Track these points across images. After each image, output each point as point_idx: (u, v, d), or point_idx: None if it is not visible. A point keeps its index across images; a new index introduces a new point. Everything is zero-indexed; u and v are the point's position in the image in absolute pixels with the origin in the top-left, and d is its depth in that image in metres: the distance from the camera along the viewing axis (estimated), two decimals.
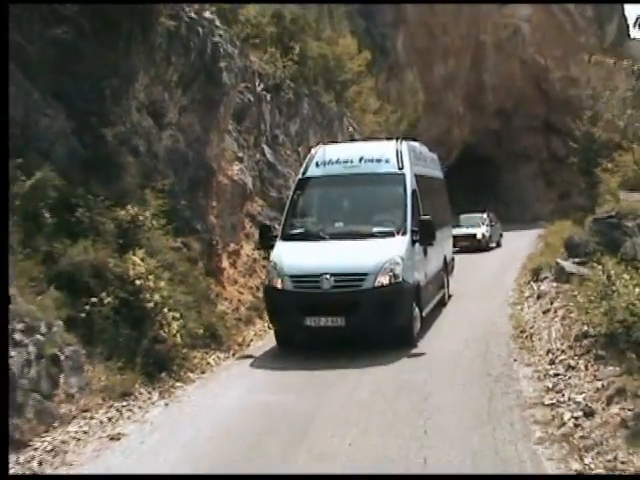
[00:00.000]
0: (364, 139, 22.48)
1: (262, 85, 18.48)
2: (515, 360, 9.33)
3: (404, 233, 11.51)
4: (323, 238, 11.80)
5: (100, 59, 11.64)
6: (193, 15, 13.73)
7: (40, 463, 6.48)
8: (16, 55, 10.70)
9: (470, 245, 28.80)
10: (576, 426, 6.48)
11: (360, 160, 12.71)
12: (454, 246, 28.46)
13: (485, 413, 7.30)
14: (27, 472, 6.31)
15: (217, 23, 14.52)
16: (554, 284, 13.41)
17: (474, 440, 6.54)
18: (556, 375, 8.14)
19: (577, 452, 5.89)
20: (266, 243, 12.44)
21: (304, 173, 13.08)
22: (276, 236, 12.26)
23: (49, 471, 6.37)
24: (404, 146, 12.85)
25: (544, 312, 11.67)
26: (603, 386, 7.08)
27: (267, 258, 12.90)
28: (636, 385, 6.56)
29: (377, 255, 11.05)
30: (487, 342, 10.64)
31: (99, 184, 10.92)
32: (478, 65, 51.78)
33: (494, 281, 17.42)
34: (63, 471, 6.39)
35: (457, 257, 24.26)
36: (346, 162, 12.78)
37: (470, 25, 49.80)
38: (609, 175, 20.36)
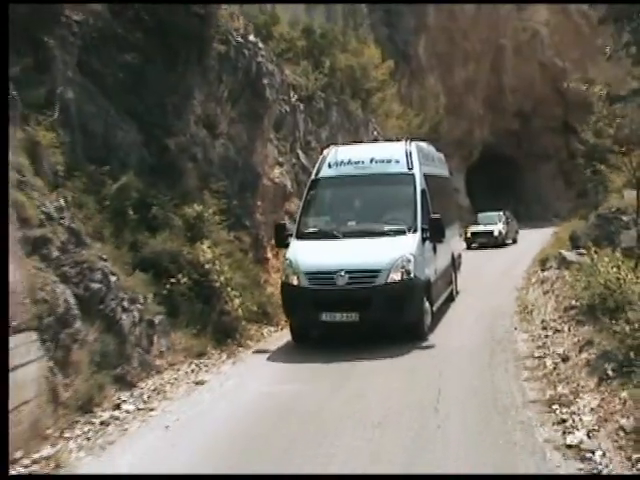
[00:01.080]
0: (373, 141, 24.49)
1: (296, 96, 20.53)
2: (516, 329, 11.36)
3: (415, 231, 11.83)
4: (336, 236, 12.04)
5: (163, 80, 13.79)
6: (240, 39, 15.88)
7: (148, 397, 8.60)
8: (95, 79, 12.92)
9: (487, 241, 30.71)
10: (554, 368, 8.51)
11: (371, 161, 13.03)
12: (473, 242, 30.82)
13: (486, 365, 9.32)
14: (117, 416, 8.10)
15: (260, 45, 16.64)
16: (556, 271, 15.35)
17: (477, 381, 8.56)
18: (546, 337, 10.19)
19: (552, 384, 7.91)
20: (281, 242, 12.75)
21: (317, 174, 13.44)
22: (291, 235, 12.54)
23: (155, 403, 8.47)
24: (413, 147, 13.13)
25: (544, 293, 13.62)
26: (579, 341, 9.07)
27: None
28: (602, 338, 8.50)
29: (389, 252, 11.36)
30: (495, 317, 12.62)
31: (166, 186, 13.03)
32: (498, 68, 53.19)
33: (506, 271, 19.26)
34: (165, 404, 8.47)
35: (475, 252, 26.29)
36: (357, 163, 13.09)
37: (490, 30, 51.14)
38: (615, 175, 22.01)
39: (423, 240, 11.91)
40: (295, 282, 11.53)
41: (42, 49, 11.86)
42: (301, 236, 12.35)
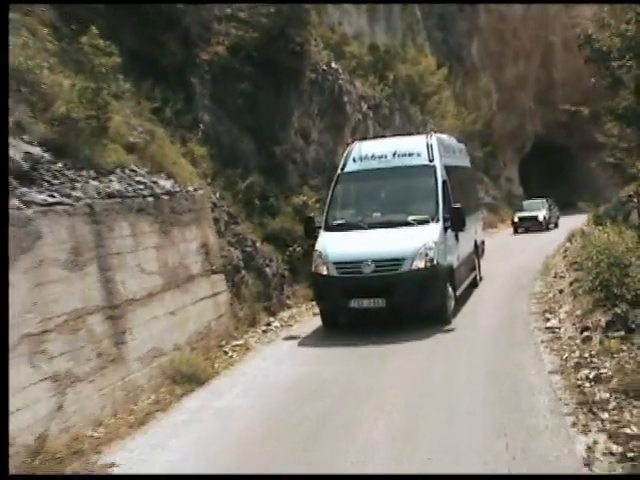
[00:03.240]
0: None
1: (366, 105, 24.97)
2: (536, 279, 15.67)
3: (437, 220, 12.38)
4: (362, 227, 12.62)
5: (270, 103, 18.38)
6: (325, 67, 20.41)
7: (287, 320, 13.24)
8: (222, 104, 17.57)
9: (532, 226, 33.93)
10: (553, 297, 12.85)
11: (394, 155, 13.53)
12: (519, 227, 34.59)
13: (510, 298, 13.75)
14: (271, 329, 12.70)
15: (340, 70, 21.16)
16: (577, 242, 19.45)
17: (502, 304, 13.01)
18: (553, 281, 14.49)
19: (548, 304, 12.27)
20: (311, 234, 13.34)
21: (342, 168, 14.07)
22: (319, 227, 13.18)
23: (292, 323, 13.06)
24: (434, 140, 13.64)
25: (564, 257, 17.77)
26: (571, 281, 13.29)
27: None
28: (583, 276, 12.55)
29: (413, 241, 11.87)
30: (525, 273, 16.88)
31: (275, 183, 17.63)
32: (547, 64, 56.25)
33: (543, 246, 23.21)
34: (298, 325, 13.03)
35: (522, 235, 30.21)
36: (381, 157, 13.60)
37: (539, 28, 54.32)
38: None
39: (445, 229, 12.50)
40: (324, 272, 12.22)
41: (189, 86, 16.58)
42: (329, 228, 13.03)
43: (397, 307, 11.67)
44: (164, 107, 14.31)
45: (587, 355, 8.44)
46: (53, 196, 8.31)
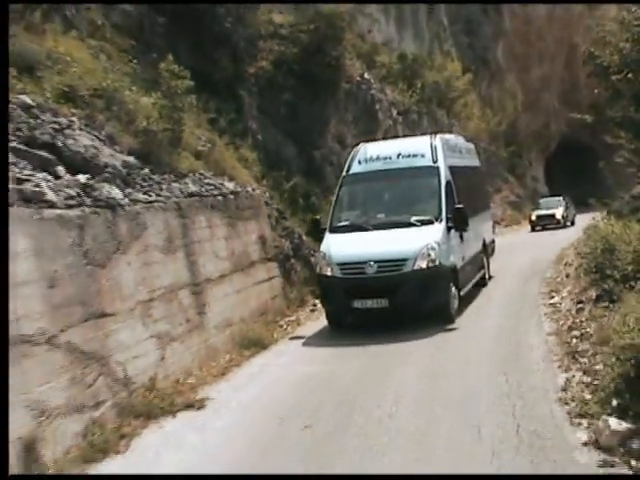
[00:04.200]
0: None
1: (396, 111, 27.03)
2: (549, 267, 17.60)
3: (440, 221, 12.46)
4: (366, 229, 12.70)
5: (310, 111, 20.49)
6: (359, 78, 22.50)
7: None
8: (267, 114, 19.72)
9: (550, 223, 34.29)
10: (560, 280, 14.81)
11: (398, 156, 13.58)
12: (537, 225, 34.94)
13: (524, 281, 15.74)
14: (317, 308, 14.86)
15: (372, 81, 23.25)
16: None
17: (516, 288, 14.97)
18: (563, 268, 16.43)
19: (554, 286, 14.25)
20: (316, 235, 13.75)
21: (347, 170, 14.17)
22: (325, 229, 13.31)
23: None
24: (438, 141, 13.73)
25: (575, 248, 19.66)
26: (576, 266, 15.22)
27: None
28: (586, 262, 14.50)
29: (415, 242, 11.97)
30: (539, 263, 18.74)
31: (315, 183, 19.76)
32: (571, 65, 57.59)
33: (559, 241, 24.98)
34: None
35: (540, 233, 31.86)
36: (385, 159, 13.65)
37: (563, 30, 55.58)
38: None
39: (448, 229, 12.62)
40: (329, 273, 12.38)
41: (239, 98, 18.75)
42: (334, 229, 13.15)
43: (400, 307, 11.80)
44: (219, 118, 16.47)
45: (578, 321, 10.45)
46: (150, 195, 10.50)
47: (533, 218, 35.27)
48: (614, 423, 6.05)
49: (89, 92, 11.68)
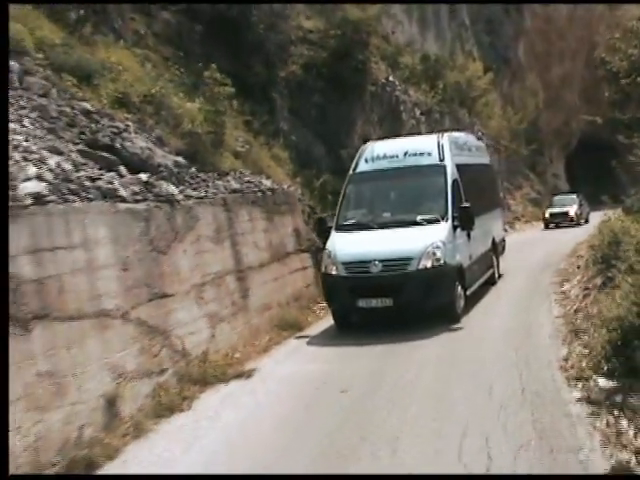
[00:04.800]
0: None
1: (419, 111, 28.19)
2: (562, 260, 18.70)
3: (446, 220, 12.44)
4: (372, 227, 12.73)
5: (337, 113, 21.70)
6: (384, 81, 23.69)
7: None
8: (298, 115, 20.96)
9: (563, 221, 33.96)
10: (572, 271, 15.93)
11: (405, 154, 13.58)
12: (550, 222, 34.63)
13: (538, 272, 16.87)
14: None
15: (397, 83, 24.44)
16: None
17: (531, 277, 16.10)
18: (576, 260, 17.53)
19: (567, 276, 15.37)
20: (322, 234, 13.84)
21: (354, 169, 14.26)
22: (331, 227, 13.37)
23: None
24: (445, 139, 13.75)
25: (588, 243, 20.78)
26: (587, 258, 16.33)
27: None
28: (592, 252, 15.54)
29: (420, 241, 11.95)
30: (554, 256, 19.86)
31: (342, 181, 20.89)
32: (592, 63, 58.40)
33: (575, 237, 26.06)
34: None
35: (554, 230, 32.55)
36: (392, 157, 13.66)
37: (584, 29, 56.14)
38: None
39: (454, 228, 12.60)
40: (334, 272, 12.42)
41: (271, 100, 20.01)
42: (339, 228, 13.19)
43: (404, 306, 11.80)
44: (253, 119, 17.73)
45: (583, 305, 11.61)
46: (199, 191, 11.79)
47: (546, 216, 35.01)
48: (602, 382, 7.27)
49: (139, 98, 12.99)
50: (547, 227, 34.43)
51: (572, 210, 34.62)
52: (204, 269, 10.96)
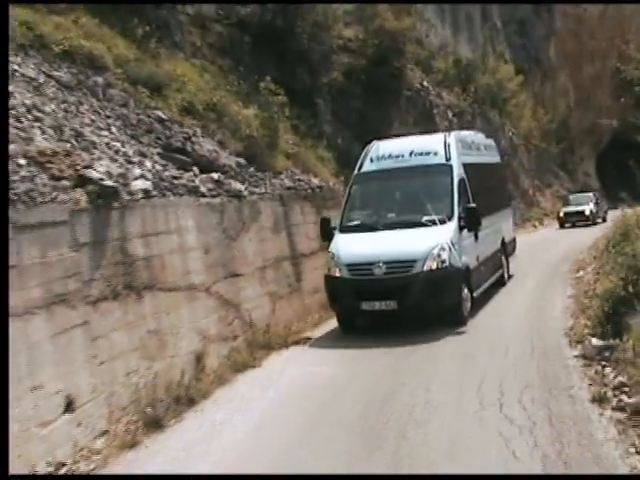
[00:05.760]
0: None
1: (451, 113, 29.92)
2: (581, 252, 20.36)
3: (452, 220, 12.24)
4: (377, 228, 12.52)
5: (375, 116, 23.53)
6: (418, 86, 25.51)
7: None
8: (339, 118, 22.84)
9: (579, 220, 33.00)
10: (589, 261, 17.61)
11: (410, 154, 13.35)
12: (565, 222, 33.67)
13: (559, 262, 18.57)
14: None
15: (430, 87, 26.24)
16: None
17: (550, 266, 17.80)
18: (594, 251, 19.19)
19: (583, 265, 17.08)
20: (326, 235, 13.33)
21: (359, 169, 14.08)
22: (335, 228, 13.15)
23: None
24: (452, 138, 13.57)
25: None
26: (602, 247, 17.98)
27: None
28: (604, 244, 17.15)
29: (425, 242, 11.73)
30: (574, 250, 21.44)
31: None
32: (623, 63, 59.51)
33: (595, 234, 27.59)
34: None
35: (572, 229, 32.44)
36: (397, 157, 13.46)
37: (615, 29, 57.33)
38: None
39: (460, 229, 12.40)
40: (337, 274, 12.24)
41: (315, 105, 21.90)
42: (343, 229, 13.03)
43: (409, 309, 11.66)
44: (299, 123, 19.62)
45: (593, 287, 13.34)
46: (259, 188, 13.73)
47: (561, 215, 34.24)
48: (595, 342, 9.08)
49: (202, 106, 14.93)
50: (562, 226, 33.67)
51: (588, 209, 33.67)
52: (265, 254, 12.90)
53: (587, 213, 33.35)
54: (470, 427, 7.12)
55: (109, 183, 8.55)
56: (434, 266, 11.59)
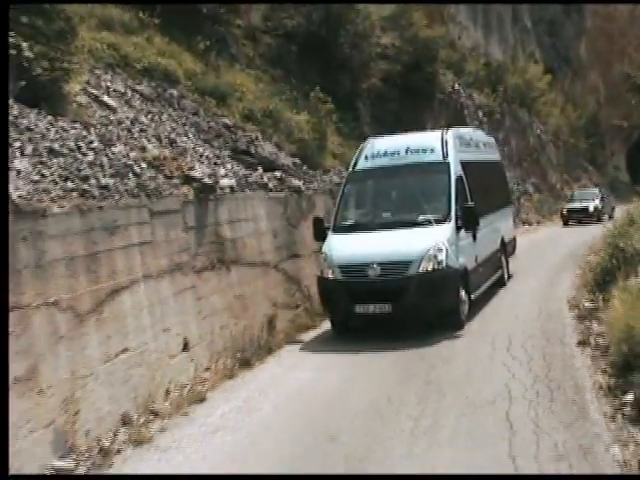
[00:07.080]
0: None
1: (481, 113, 32.17)
2: (595, 240, 22.51)
3: (449, 220, 11.83)
4: (371, 228, 12.21)
5: (411, 117, 25.86)
6: (450, 89, 27.84)
7: None
8: (377, 121, 25.20)
9: (583, 217, 31.98)
10: (600, 247, 19.82)
11: (406, 151, 12.99)
12: (569, 219, 32.60)
13: (564, 258, 20.69)
14: None
15: (461, 91, 28.56)
16: None
17: (556, 263, 20.04)
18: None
19: (584, 261, 19.30)
20: (319, 235, 12.93)
21: (354, 166, 13.74)
22: (328, 228, 12.82)
23: None
24: (449, 135, 13.14)
25: None
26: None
27: None
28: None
29: (421, 242, 11.34)
30: (577, 246, 23.23)
31: None
32: None
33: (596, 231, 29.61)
34: None
35: (577, 227, 31.28)
36: (393, 154, 13.10)
37: None
38: None
39: (458, 228, 12.00)
40: (330, 276, 11.93)
41: (356, 109, 24.33)
42: (337, 229, 12.69)
43: (404, 312, 11.29)
44: (343, 125, 22.07)
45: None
46: (313, 184, 16.23)
47: (564, 212, 33.21)
48: (587, 303, 11.49)
49: (260, 113, 17.42)
50: (566, 224, 32.62)
51: (592, 205, 32.57)
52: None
53: (591, 210, 32.25)
54: (483, 362, 9.59)
55: (207, 181, 11.08)
56: (430, 267, 11.29)
